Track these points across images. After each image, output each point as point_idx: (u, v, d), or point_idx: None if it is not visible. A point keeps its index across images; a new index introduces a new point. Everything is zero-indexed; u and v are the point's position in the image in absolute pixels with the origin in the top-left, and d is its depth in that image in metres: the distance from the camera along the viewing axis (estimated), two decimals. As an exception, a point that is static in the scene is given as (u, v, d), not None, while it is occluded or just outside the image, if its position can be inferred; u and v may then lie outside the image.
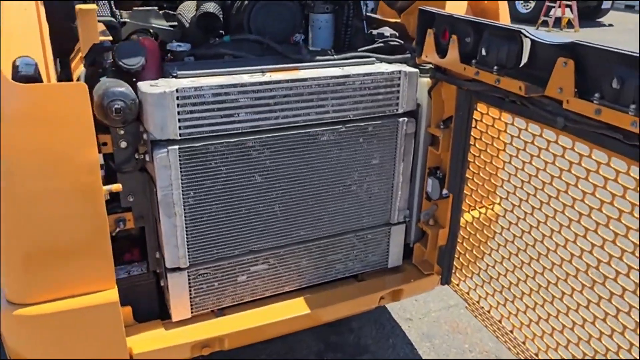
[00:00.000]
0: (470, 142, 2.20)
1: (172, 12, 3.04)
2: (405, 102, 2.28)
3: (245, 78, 2.03)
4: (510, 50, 1.75)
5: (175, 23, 2.97)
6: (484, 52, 1.83)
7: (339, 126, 2.20)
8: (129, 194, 2.06)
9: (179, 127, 1.92)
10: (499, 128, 2.05)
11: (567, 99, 1.57)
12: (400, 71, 2.22)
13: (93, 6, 1.74)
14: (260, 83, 2.01)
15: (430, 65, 2.26)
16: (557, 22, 14.10)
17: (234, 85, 1.97)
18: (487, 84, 1.87)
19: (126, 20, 2.89)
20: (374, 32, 2.50)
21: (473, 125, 2.17)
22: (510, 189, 2.07)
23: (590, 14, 15.46)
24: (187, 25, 2.83)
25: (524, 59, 1.76)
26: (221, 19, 2.77)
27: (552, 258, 1.94)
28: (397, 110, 2.28)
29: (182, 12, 2.92)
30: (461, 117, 2.19)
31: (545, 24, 14.15)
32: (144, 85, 1.91)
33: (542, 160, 1.88)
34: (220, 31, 2.83)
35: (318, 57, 2.26)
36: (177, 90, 1.88)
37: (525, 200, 2.02)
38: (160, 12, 3.04)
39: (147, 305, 2.24)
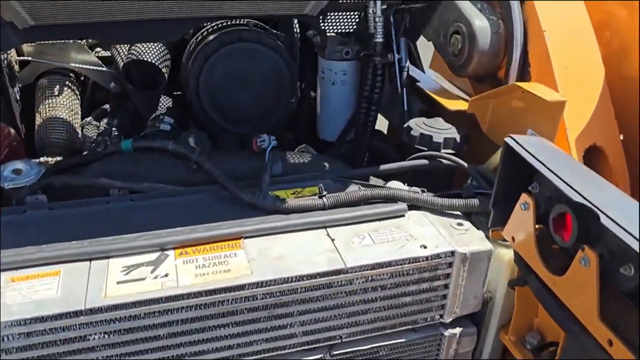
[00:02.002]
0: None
1: (110, 39, 1.97)
2: (459, 305, 1.13)
3: (110, 282, 0.95)
4: None
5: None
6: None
7: (316, 357, 1.10)
8: None
9: (-50, 400, 0.90)
10: None
11: None
12: (453, 253, 1.07)
13: None
14: (136, 303, 0.92)
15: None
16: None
17: (75, 314, 0.90)
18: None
19: (28, 58, 1.85)
20: (413, 128, 1.32)
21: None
22: None
23: None
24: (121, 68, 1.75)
25: None
26: (163, 70, 1.68)
27: None
28: (441, 317, 1.14)
29: (118, 45, 1.84)
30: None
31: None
32: None
33: None
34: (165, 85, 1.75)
35: (288, 204, 1.13)
36: None
37: None
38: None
39: None
